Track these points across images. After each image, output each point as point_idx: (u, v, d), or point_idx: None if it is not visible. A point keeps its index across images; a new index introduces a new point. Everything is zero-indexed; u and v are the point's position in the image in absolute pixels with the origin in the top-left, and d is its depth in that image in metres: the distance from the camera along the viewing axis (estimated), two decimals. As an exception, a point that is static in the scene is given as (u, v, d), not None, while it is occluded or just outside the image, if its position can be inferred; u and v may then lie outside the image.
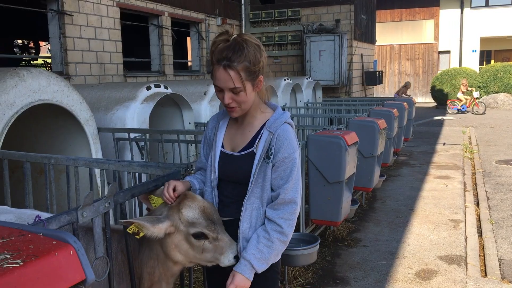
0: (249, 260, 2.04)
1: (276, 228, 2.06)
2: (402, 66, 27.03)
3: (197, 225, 2.01)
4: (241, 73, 1.99)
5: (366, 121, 5.65)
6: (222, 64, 1.99)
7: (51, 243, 1.26)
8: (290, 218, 2.08)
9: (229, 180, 2.19)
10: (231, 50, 1.98)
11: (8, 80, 3.72)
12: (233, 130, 2.24)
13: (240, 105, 2.07)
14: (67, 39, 7.54)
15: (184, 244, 2.03)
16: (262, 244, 2.05)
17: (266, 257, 2.05)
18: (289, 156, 2.07)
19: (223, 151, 2.21)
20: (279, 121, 2.13)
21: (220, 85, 2.03)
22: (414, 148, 11.47)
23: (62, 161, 2.70)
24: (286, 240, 2.09)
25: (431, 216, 6.30)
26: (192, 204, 2.05)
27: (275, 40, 13.48)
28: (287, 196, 2.06)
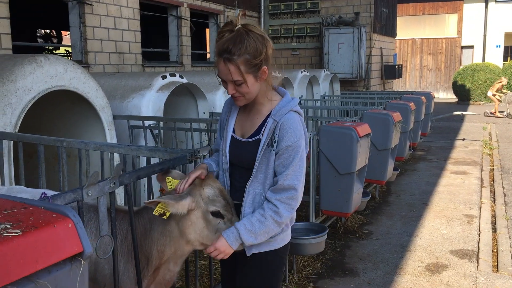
0: (237, 228, 2.07)
1: (272, 208, 2.09)
2: (424, 60, 26.66)
3: (216, 203, 2.09)
4: (241, 67, 2.01)
5: (380, 113, 5.62)
6: (223, 57, 2.02)
7: (51, 216, 1.31)
8: (287, 202, 2.09)
9: (239, 165, 2.24)
10: (232, 42, 1.99)
11: (26, 66, 3.81)
12: (244, 116, 2.28)
13: (243, 95, 2.11)
14: (87, 28, 7.65)
15: (200, 222, 2.10)
16: (255, 218, 2.08)
17: (256, 231, 2.07)
18: (292, 145, 2.09)
19: (233, 136, 2.26)
20: (284, 109, 2.14)
21: (221, 77, 2.09)
22: (432, 143, 11.34)
23: (74, 144, 2.77)
24: (280, 221, 2.09)
25: (445, 211, 6.25)
26: (213, 184, 2.13)
27: (293, 32, 13.44)
28: (285, 182, 2.08)
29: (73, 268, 1.30)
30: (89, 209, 2.17)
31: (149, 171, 2.17)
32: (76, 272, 1.31)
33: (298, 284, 4.13)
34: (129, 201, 2.05)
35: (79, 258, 1.32)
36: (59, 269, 1.27)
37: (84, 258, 1.32)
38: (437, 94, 26.33)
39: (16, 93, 3.71)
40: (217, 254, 2.08)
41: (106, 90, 5.44)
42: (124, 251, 2.20)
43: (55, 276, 1.26)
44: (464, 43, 25.61)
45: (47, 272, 1.24)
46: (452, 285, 4.17)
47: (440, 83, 26.53)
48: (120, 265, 2.18)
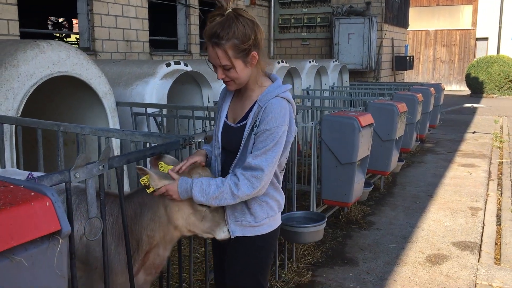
0: (193, 183, 2.06)
1: (234, 179, 2.06)
2: (437, 52, 26.34)
3: None
4: (229, 51, 2.01)
5: (385, 104, 5.57)
6: (211, 41, 2.02)
7: (29, 194, 1.32)
8: (250, 179, 2.04)
9: (229, 150, 2.25)
10: (220, 27, 1.99)
11: (28, 51, 3.84)
12: (236, 102, 2.29)
13: (233, 80, 2.12)
14: (95, 15, 7.68)
15: (187, 208, 2.13)
16: (214, 182, 2.07)
17: (208, 192, 2.04)
18: (270, 129, 2.04)
19: (226, 121, 2.27)
20: (270, 95, 2.12)
21: (210, 61, 2.10)
22: (441, 136, 11.24)
23: (70, 128, 2.79)
24: (237, 194, 2.04)
25: (450, 203, 6.20)
26: (202, 173, 2.15)
27: (304, 22, 13.34)
28: (253, 162, 2.04)
29: (51, 246, 1.32)
30: (81, 192, 2.19)
31: (140, 155, 2.18)
32: (54, 250, 1.32)
33: (297, 272, 4.14)
34: (119, 185, 2.06)
35: (57, 236, 1.33)
36: (36, 247, 1.28)
37: (62, 237, 1.34)
38: (450, 87, 26.06)
39: (19, 78, 3.75)
40: (166, 194, 2.09)
41: (110, 77, 5.47)
42: (115, 234, 2.22)
43: (31, 253, 1.27)
44: (478, 35, 25.23)
45: (23, 249, 1.25)
46: (452, 276, 4.15)
47: (454, 76, 26.21)
48: (111, 248, 2.21)
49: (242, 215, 2.19)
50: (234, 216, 2.20)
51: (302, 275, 4.10)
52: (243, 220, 2.20)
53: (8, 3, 6.15)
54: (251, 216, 2.19)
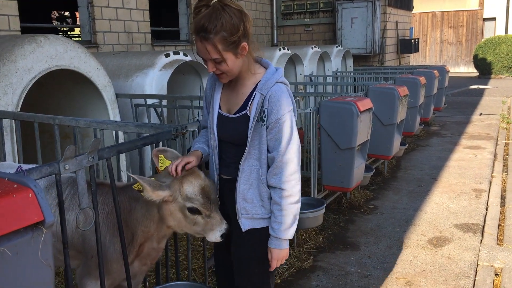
0: (277, 236, 2.17)
1: (282, 194, 2.12)
2: (444, 34, 26.04)
3: (194, 201, 2.10)
4: (218, 45, 1.97)
5: (385, 88, 5.55)
6: (199, 35, 1.97)
7: (12, 186, 1.36)
8: (291, 179, 2.12)
9: (228, 141, 2.24)
10: (207, 19, 1.93)
11: (26, 46, 3.88)
12: (228, 91, 2.25)
13: (225, 72, 2.08)
14: (95, 8, 7.69)
15: (178, 213, 2.14)
16: (279, 217, 2.14)
17: (288, 223, 2.16)
18: (281, 117, 2.07)
19: (220, 112, 2.23)
20: (270, 82, 2.10)
21: (199, 55, 2.05)
22: (448, 118, 11.17)
23: (66, 121, 2.83)
24: (296, 199, 2.15)
25: (454, 185, 6.19)
26: (194, 181, 2.13)
27: (306, 8, 13.24)
28: (283, 158, 2.10)
29: (35, 236, 1.36)
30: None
31: (131, 145, 2.21)
32: (38, 239, 1.36)
33: (298, 258, 4.17)
34: (110, 175, 2.09)
35: (40, 226, 1.37)
36: (19, 237, 1.32)
37: (45, 227, 1.37)
38: (458, 68, 25.78)
39: (17, 73, 3.79)
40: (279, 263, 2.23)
41: (110, 70, 5.50)
42: (110, 225, 2.26)
43: (15, 243, 1.31)
44: (486, 15, 24.87)
45: (6, 239, 1.29)
46: (453, 258, 4.17)
47: (461, 57, 25.92)
48: (106, 238, 2.25)
49: (253, 209, 2.20)
50: (246, 210, 2.20)
51: (304, 260, 4.14)
52: (255, 214, 2.20)
53: (8, -2, 6.18)
54: (263, 208, 2.21)
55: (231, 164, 2.26)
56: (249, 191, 2.18)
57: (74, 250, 2.30)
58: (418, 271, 3.95)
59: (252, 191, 2.18)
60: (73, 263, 2.37)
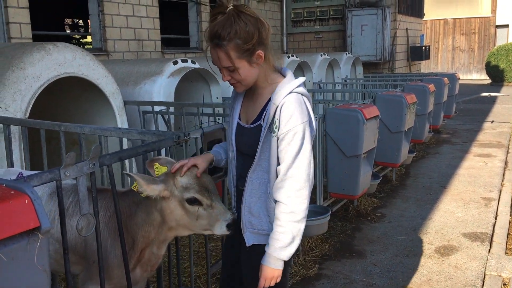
0: (270, 253, 2.03)
1: (284, 209, 2.00)
2: (456, 41, 25.87)
3: (191, 190, 2.07)
4: (231, 53, 1.92)
5: (393, 95, 5.54)
6: (212, 43, 1.93)
7: (9, 192, 1.38)
8: (296, 195, 1.99)
9: (245, 153, 2.18)
10: (221, 26, 1.90)
11: (34, 54, 3.94)
12: (247, 101, 2.19)
13: (240, 81, 2.02)
14: (106, 16, 7.79)
15: (179, 209, 2.10)
16: (277, 233, 2.01)
17: (286, 242, 2.01)
18: (292, 129, 1.98)
19: (239, 123, 2.18)
20: (283, 91, 2.01)
21: (213, 63, 2.00)
22: (459, 126, 11.09)
23: (71, 128, 2.87)
24: (299, 218, 2.01)
25: (463, 194, 6.13)
26: (188, 172, 2.11)
27: (316, 15, 13.27)
28: (289, 172, 1.99)
29: (31, 242, 1.37)
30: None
31: (133, 152, 2.23)
32: (34, 245, 1.38)
33: (304, 266, 4.16)
34: (111, 182, 2.11)
35: (36, 232, 1.39)
36: (15, 242, 1.34)
37: (41, 233, 1.39)
38: (470, 76, 25.58)
39: (26, 80, 3.84)
40: (270, 283, 2.06)
41: (119, 77, 5.56)
42: (111, 230, 2.27)
43: (11, 248, 1.33)
44: (498, 22, 24.68)
45: (2, 245, 1.31)
46: (460, 267, 4.12)
47: (473, 64, 25.72)
48: (108, 242, 2.26)
49: (260, 223, 2.12)
50: (251, 224, 2.13)
51: (309, 268, 4.12)
52: (261, 229, 2.13)
53: (20, 6, 6.29)
54: (270, 224, 2.10)
55: (246, 175, 2.16)
56: (256, 205, 2.11)
57: (77, 255, 2.32)
58: (424, 280, 3.92)
59: (259, 205, 2.11)
60: (76, 268, 2.39)
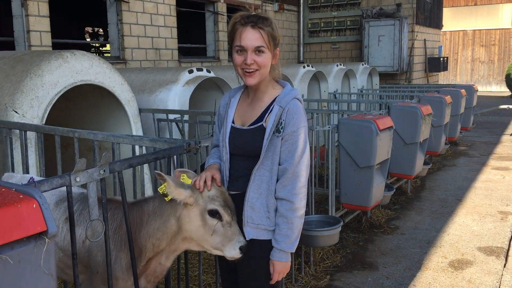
0: (280, 249, 2.19)
1: (290, 207, 2.16)
2: (475, 53, 25.61)
3: (215, 203, 2.10)
4: (267, 35, 2.11)
5: (408, 106, 5.50)
6: (250, 24, 2.09)
7: (18, 196, 1.41)
8: (299, 192, 2.17)
9: (239, 154, 2.26)
10: (256, 17, 2.12)
11: (52, 62, 4.02)
12: (243, 106, 2.31)
13: (260, 67, 2.13)
14: (124, 25, 7.91)
15: (198, 220, 2.12)
16: (285, 229, 2.17)
17: (293, 236, 2.19)
18: (297, 130, 2.15)
19: (233, 126, 2.27)
20: (289, 96, 2.19)
21: (245, 43, 2.10)
22: (477, 138, 10.94)
23: (84, 135, 2.91)
24: (302, 212, 2.20)
25: (479, 207, 6.04)
26: (215, 186, 2.15)
27: (333, 25, 13.28)
28: (295, 170, 2.15)
29: (38, 245, 1.40)
30: (85, 199, 2.27)
31: (142, 159, 2.25)
32: (41, 249, 1.40)
33: (315, 276, 4.14)
34: (121, 189, 2.14)
35: (43, 236, 1.41)
36: (22, 246, 1.36)
37: (48, 237, 1.41)
38: (489, 88, 25.26)
39: (43, 87, 3.92)
40: (281, 276, 2.26)
41: (136, 85, 5.63)
42: (117, 241, 2.25)
43: (18, 251, 1.35)
44: (519, 34, 24.37)
45: (9, 248, 1.33)
46: (474, 282, 4.05)
47: (493, 76, 25.41)
48: (112, 254, 2.24)
49: (260, 218, 2.21)
50: (252, 219, 2.21)
51: (320, 279, 4.09)
52: (260, 224, 2.21)
53: (40, 15, 6.43)
54: (268, 220, 2.22)
55: (240, 178, 2.27)
56: (258, 201, 2.21)
57: (81, 264, 2.32)
58: (436, 294, 3.86)
59: (260, 201, 2.20)
60: (80, 277, 2.40)
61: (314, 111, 6.11)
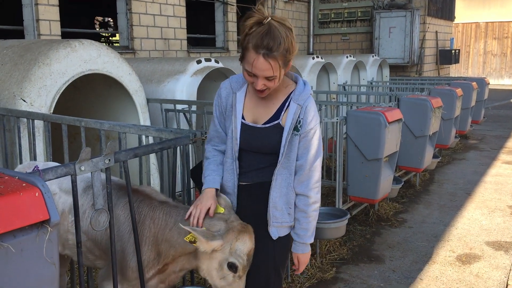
0: (303, 242, 2.29)
1: (307, 201, 2.23)
2: (488, 45, 25.27)
3: (239, 259, 2.07)
4: (280, 62, 2.00)
5: (418, 99, 5.44)
6: (262, 53, 1.95)
7: (20, 185, 1.41)
8: (316, 186, 2.24)
9: (253, 151, 2.23)
10: (271, 38, 1.95)
11: (60, 50, 4.01)
12: (253, 102, 2.23)
13: (270, 88, 2.09)
14: (133, 15, 7.89)
15: (216, 263, 2.10)
16: (305, 223, 2.25)
17: (311, 229, 2.30)
18: (314, 127, 2.19)
19: (244, 122, 2.21)
20: (305, 93, 2.19)
21: (256, 73, 2.00)
22: (488, 132, 10.83)
23: (91, 124, 2.91)
24: (318, 205, 2.30)
25: (489, 201, 5.98)
26: (247, 242, 2.10)
27: (344, 16, 13.16)
28: (312, 166, 2.21)
29: (40, 234, 1.40)
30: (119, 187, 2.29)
31: (148, 149, 2.25)
32: (43, 238, 1.40)
33: (321, 268, 4.12)
34: (126, 178, 2.13)
35: (46, 225, 1.41)
36: (24, 234, 1.36)
37: (51, 226, 1.41)
38: (502, 81, 24.96)
39: (51, 76, 3.92)
40: (305, 265, 2.39)
41: (144, 75, 5.62)
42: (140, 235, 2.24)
43: (20, 240, 1.35)
44: (533, 27, 24.01)
45: (11, 236, 1.33)
46: (481, 276, 4.02)
47: (506, 69, 25.09)
48: (132, 247, 2.23)
49: (282, 216, 2.25)
50: (276, 218, 2.23)
51: (326, 271, 4.08)
52: (283, 221, 2.26)
53: (50, 4, 6.43)
54: (289, 216, 2.26)
55: (250, 171, 2.26)
56: (280, 200, 2.23)
57: (101, 250, 2.35)
58: (443, 288, 3.84)
59: (282, 200, 2.23)
60: (99, 263, 2.42)
61: (322, 102, 6.06)
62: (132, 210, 2.18)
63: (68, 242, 2.40)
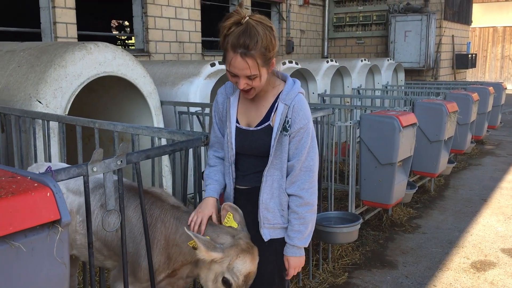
0: (293, 244, 2.22)
1: (300, 202, 2.17)
2: (505, 50, 24.95)
3: (234, 277, 2.05)
4: (258, 61, 1.99)
5: (433, 103, 5.38)
6: (239, 52, 1.96)
7: (32, 185, 1.42)
8: (309, 186, 2.17)
9: (248, 154, 2.24)
10: (248, 37, 1.95)
11: (76, 53, 4.06)
12: (246, 105, 2.25)
13: (255, 88, 2.09)
14: (149, 18, 7.95)
15: (212, 273, 2.10)
16: (297, 225, 2.19)
17: (305, 232, 2.21)
18: (304, 126, 2.13)
19: (238, 126, 2.23)
20: (293, 92, 2.15)
21: (236, 72, 2.02)
22: (504, 137, 10.69)
23: (104, 125, 2.94)
24: (313, 207, 2.20)
25: (505, 207, 5.89)
26: (247, 262, 2.07)
27: (359, 20, 13.10)
28: (303, 165, 2.15)
29: (51, 234, 1.41)
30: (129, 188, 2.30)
31: (160, 151, 2.26)
32: (54, 237, 1.41)
33: (332, 273, 4.10)
34: (138, 180, 2.14)
35: (57, 225, 1.42)
36: (35, 234, 1.37)
37: (62, 226, 1.42)
38: (520, 86, 24.65)
39: (66, 78, 3.97)
40: (297, 271, 2.29)
41: (158, 77, 5.66)
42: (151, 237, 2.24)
43: (31, 239, 1.36)
44: (551, 31, 23.65)
45: (23, 236, 1.34)
46: (496, 284, 3.96)
47: (524, 74, 24.73)
48: (143, 250, 2.24)
49: (275, 218, 2.22)
50: (268, 219, 2.22)
51: (337, 276, 4.05)
52: (276, 223, 2.23)
53: (67, 7, 6.51)
54: (282, 218, 2.23)
55: (248, 175, 2.27)
56: (271, 201, 2.20)
57: (112, 251, 2.36)
58: (457, 295, 3.78)
59: (274, 201, 2.20)
60: (108, 263, 2.43)
61: (336, 106, 6.03)
62: (144, 212, 2.18)
63: (75, 242, 2.41)
